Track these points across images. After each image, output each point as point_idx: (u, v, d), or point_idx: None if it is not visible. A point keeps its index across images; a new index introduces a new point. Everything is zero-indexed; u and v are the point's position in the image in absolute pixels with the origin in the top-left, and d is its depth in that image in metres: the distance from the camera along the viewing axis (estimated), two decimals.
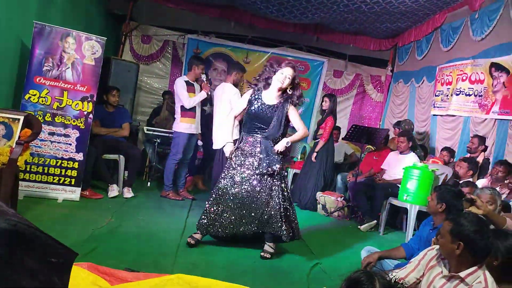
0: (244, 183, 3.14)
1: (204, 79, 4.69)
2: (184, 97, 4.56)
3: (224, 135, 3.39)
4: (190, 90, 4.62)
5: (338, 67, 7.31)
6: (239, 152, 3.20)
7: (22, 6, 3.77)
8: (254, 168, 3.13)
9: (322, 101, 5.53)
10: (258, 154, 3.14)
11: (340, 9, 5.62)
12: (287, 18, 6.21)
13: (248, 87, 3.43)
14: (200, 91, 4.67)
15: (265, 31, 6.86)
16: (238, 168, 3.16)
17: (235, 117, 3.46)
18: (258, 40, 7.03)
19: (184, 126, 4.64)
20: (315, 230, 4.24)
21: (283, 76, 3.15)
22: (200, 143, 5.11)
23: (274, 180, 3.15)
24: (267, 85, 3.23)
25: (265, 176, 3.14)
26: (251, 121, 3.23)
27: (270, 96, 3.23)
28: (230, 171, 3.18)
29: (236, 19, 6.71)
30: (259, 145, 3.16)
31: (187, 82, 4.65)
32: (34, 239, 0.77)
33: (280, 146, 3.14)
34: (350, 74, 7.35)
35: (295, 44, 7.19)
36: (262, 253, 3.16)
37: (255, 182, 3.12)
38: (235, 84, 4.62)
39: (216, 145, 4.54)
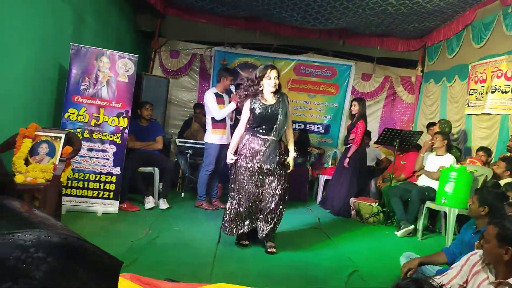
0: (253, 179, 3.38)
1: (233, 90, 4.76)
2: (214, 110, 4.65)
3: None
4: (220, 102, 4.71)
5: (366, 70, 7.22)
6: (247, 151, 3.39)
7: (58, 29, 3.98)
8: (261, 164, 3.36)
9: (351, 105, 5.47)
10: (266, 152, 3.36)
11: (365, 12, 5.58)
12: (312, 25, 6.22)
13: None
14: (229, 102, 4.75)
15: (290, 39, 6.90)
16: (249, 166, 3.37)
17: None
18: (284, 48, 7.08)
19: (215, 137, 4.72)
20: (350, 237, 4.18)
21: (272, 81, 3.37)
22: None
23: (278, 178, 3.40)
24: (257, 94, 3.43)
25: (270, 173, 3.38)
26: (259, 123, 3.42)
27: (267, 98, 3.45)
28: (242, 171, 3.39)
29: (261, 28, 6.79)
30: (267, 144, 3.39)
31: (216, 94, 4.74)
32: (83, 250, 0.82)
33: (292, 163, 3.52)
34: (379, 76, 7.24)
35: (321, 50, 7.17)
36: (269, 249, 3.37)
37: (261, 177, 3.39)
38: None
39: None
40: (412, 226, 4.38)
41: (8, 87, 3.27)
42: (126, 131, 4.20)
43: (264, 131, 3.41)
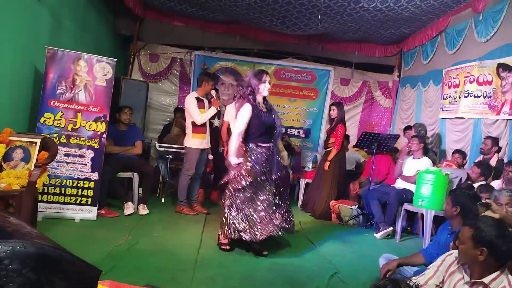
0: (268, 188, 3.40)
1: (214, 95, 4.77)
2: (195, 114, 4.64)
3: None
4: (201, 106, 4.71)
5: (345, 75, 7.35)
6: (260, 161, 3.38)
7: (34, 32, 3.89)
8: (273, 173, 3.42)
9: (330, 109, 5.56)
10: (274, 160, 3.43)
11: (343, 18, 5.68)
12: (292, 30, 6.29)
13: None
14: (210, 106, 4.74)
15: (270, 44, 6.96)
16: (262, 176, 3.38)
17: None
18: (264, 53, 7.12)
19: (195, 141, 4.71)
20: (331, 239, 4.23)
21: (268, 86, 3.46)
22: (210, 157, 5.12)
23: (284, 180, 3.53)
24: (253, 99, 3.44)
25: (279, 179, 3.46)
26: (265, 131, 3.43)
27: (261, 105, 3.50)
28: (255, 181, 3.37)
29: (240, 33, 6.82)
30: (271, 152, 3.45)
31: (197, 98, 4.73)
32: (60, 260, 0.80)
33: (286, 160, 3.68)
34: (357, 81, 7.38)
35: (301, 55, 7.26)
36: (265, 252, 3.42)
37: (273, 185, 3.43)
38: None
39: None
40: (391, 228, 4.47)
41: None
42: (104, 135, 4.13)
43: (266, 139, 3.44)
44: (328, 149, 5.37)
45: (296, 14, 5.67)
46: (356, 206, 5.05)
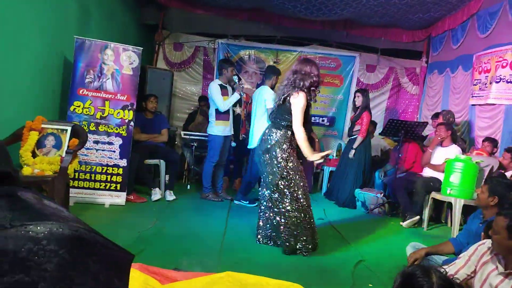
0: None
1: (236, 81, 4.77)
2: (219, 101, 4.66)
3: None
4: (224, 94, 4.72)
5: (370, 62, 7.18)
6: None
7: (62, 22, 3.98)
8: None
9: (354, 96, 5.46)
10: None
11: (369, 3, 5.54)
12: (316, 15, 6.19)
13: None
14: (233, 93, 4.75)
15: (293, 30, 6.87)
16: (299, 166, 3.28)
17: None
18: (287, 40, 7.05)
19: (219, 129, 4.74)
20: (356, 228, 4.20)
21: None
22: (233, 144, 5.14)
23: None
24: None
25: None
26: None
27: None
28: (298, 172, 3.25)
29: (264, 20, 6.76)
30: None
31: (220, 85, 4.75)
32: (95, 243, 0.82)
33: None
34: (384, 67, 7.20)
35: (325, 41, 7.14)
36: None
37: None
38: (272, 87, 4.71)
39: (253, 144, 4.63)
40: (418, 217, 4.38)
41: (14, 81, 3.29)
42: (132, 123, 4.21)
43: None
44: (352, 137, 5.30)
45: None
46: (382, 194, 4.99)
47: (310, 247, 3.19)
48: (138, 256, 2.71)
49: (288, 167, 3.16)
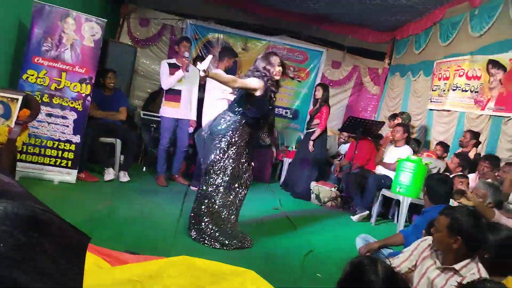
0: None
1: (187, 56, 4.51)
2: (162, 79, 4.57)
3: None
4: (174, 73, 4.52)
5: (336, 58, 7.32)
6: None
7: None
8: None
9: (315, 90, 5.55)
10: None
11: None
12: (290, 7, 6.18)
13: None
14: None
15: (264, 19, 6.84)
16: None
17: None
18: (257, 28, 7.00)
19: (167, 110, 4.62)
20: (309, 219, 4.31)
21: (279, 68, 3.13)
22: (190, 129, 4.78)
23: None
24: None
25: None
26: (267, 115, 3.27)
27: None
28: None
29: (236, 5, 6.66)
30: None
31: (172, 64, 4.60)
32: (50, 223, 0.80)
33: None
34: (348, 65, 7.37)
35: (294, 33, 7.16)
36: None
37: None
38: (227, 70, 4.58)
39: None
40: (367, 212, 4.58)
41: None
42: (89, 98, 4.03)
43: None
44: (310, 130, 5.39)
45: None
46: (336, 188, 5.14)
47: (226, 242, 3.02)
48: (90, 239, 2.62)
49: (227, 154, 3.04)
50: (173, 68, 4.55)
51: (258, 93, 3.03)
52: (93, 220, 3.06)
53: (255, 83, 3.01)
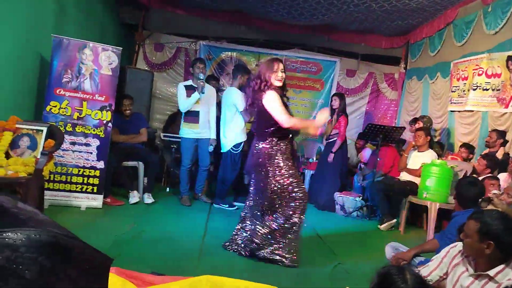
0: None
1: (200, 77, 4.56)
2: (179, 101, 4.66)
3: None
4: (191, 95, 4.58)
5: (350, 66, 7.30)
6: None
7: (39, 20, 3.88)
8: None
9: (331, 100, 5.53)
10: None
11: (350, 9, 5.63)
12: (298, 20, 6.24)
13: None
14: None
15: (274, 34, 6.91)
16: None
17: None
18: (269, 43, 7.08)
19: (186, 131, 4.69)
20: (334, 230, 4.24)
21: (281, 74, 3.16)
22: (210, 148, 4.82)
23: None
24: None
25: None
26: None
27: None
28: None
29: (246, 23, 6.77)
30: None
31: (188, 86, 4.68)
32: (72, 248, 0.81)
33: None
34: (363, 73, 7.33)
35: (306, 45, 7.20)
36: None
37: None
38: (241, 87, 4.65)
39: (224, 148, 4.63)
40: (395, 220, 4.48)
41: None
42: (110, 124, 4.14)
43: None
44: (330, 140, 5.36)
45: (302, 4, 5.62)
46: (360, 197, 5.06)
47: (288, 257, 3.02)
48: (115, 260, 2.65)
49: (279, 179, 3.02)
50: (189, 89, 4.63)
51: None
52: (119, 243, 3.10)
53: (275, 99, 3.00)
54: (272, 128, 3.05)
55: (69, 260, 0.77)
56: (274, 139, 3.07)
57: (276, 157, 3.04)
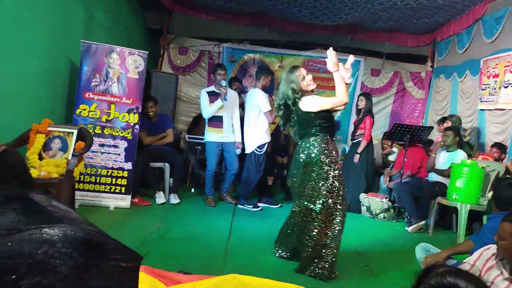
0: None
1: (223, 85, 4.60)
2: (203, 108, 4.72)
3: None
4: (214, 100, 4.63)
5: (375, 66, 7.18)
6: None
7: (68, 26, 4.01)
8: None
9: (358, 100, 5.46)
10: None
11: (374, 7, 5.54)
12: (320, 20, 6.20)
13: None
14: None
15: (297, 35, 6.88)
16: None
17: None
18: (292, 44, 7.06)
19: (211, 135, 4.74)
20: (361, 232, 4.18)
21: (310, 77, 3.19)
22: (238, 151, 4.84)
23: None
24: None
25: None
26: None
27: None
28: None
29: (268, 24, 6.77)
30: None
31: (211, 92, 4.73)
32: (105, 245, 0.83)
33: None
34: (388, 72, 7.19)
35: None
36: None
37: None
38: (265, 88, 4.68)
39: (248, 150, 4.64)
40: (423, 222, 4.36)
41: (21, 84, 3.31)
42: (137, 126, 4.23)
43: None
44: (355, 141, 5.29)
45: (325, 4, 5.58)
46: (387, 199, 4.96)
47: (325, 273, 2.83)
48: (143, 258, 2.71)
49: (329, 181, 2.85)
50: (212, 96, 4.69)
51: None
52: (147, 242, 3.17)
53: (314, 99, 3.07)
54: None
55: (102, 256, 0.79)
56: (324, 136, 3.02)
57: None
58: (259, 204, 4.86)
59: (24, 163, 0.94)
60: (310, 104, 3.01)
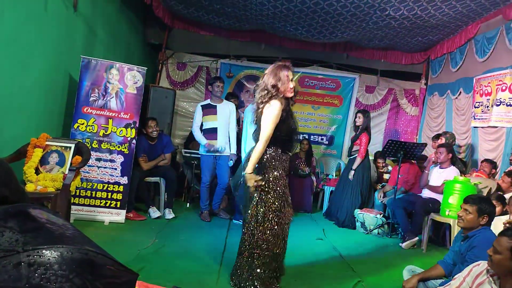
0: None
1: (219, 96, 4.80)
2: (193, 123, 4.86)
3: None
4: (208, 113, 4.74)
5: (370, 83, 7.30)
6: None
7: (69, 42, 4.09)
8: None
9: (355, 117, 5.53)
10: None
11: (369, 26, 5.67)
12: (317, 38, 6.32)
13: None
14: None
15: (294, 52, 7.00)
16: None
17: None
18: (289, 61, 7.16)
19: (205, 148, 4.77)
20: (355, 248, 4.19)
21: (293, 85, 2.83)
22: (230, 163, 4.85)
23: None
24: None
25: None
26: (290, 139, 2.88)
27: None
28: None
29: (265, 41, 6.90)
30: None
31: (206, 105, 4.82)
32: (103, 265, 0.86)
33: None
34: (383, 89, 7.31)
35: (325, 63, 7.26)
36: None
37: None
38: None
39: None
40: (417, 238, 4.39)
41: (20, 98, 3.36)
42: (134, 141, 4.27)
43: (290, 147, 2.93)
44: (351, 157, 5.35)
45: (321, 23, 5.70)
46: (381, 215, 4.99)
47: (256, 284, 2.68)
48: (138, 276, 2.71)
49: (275, 191, 2.71)
50: (206, 108, 4.78)
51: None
52: (142, 258, 3.17)
53: (275, 112, 2.68)
54: None
55: (99, 276, 0.81)
56: (277, 149, 2.82)
57: None
58: None
59: (8, 169, 0.96)
60: (267, 112, 2.70)
